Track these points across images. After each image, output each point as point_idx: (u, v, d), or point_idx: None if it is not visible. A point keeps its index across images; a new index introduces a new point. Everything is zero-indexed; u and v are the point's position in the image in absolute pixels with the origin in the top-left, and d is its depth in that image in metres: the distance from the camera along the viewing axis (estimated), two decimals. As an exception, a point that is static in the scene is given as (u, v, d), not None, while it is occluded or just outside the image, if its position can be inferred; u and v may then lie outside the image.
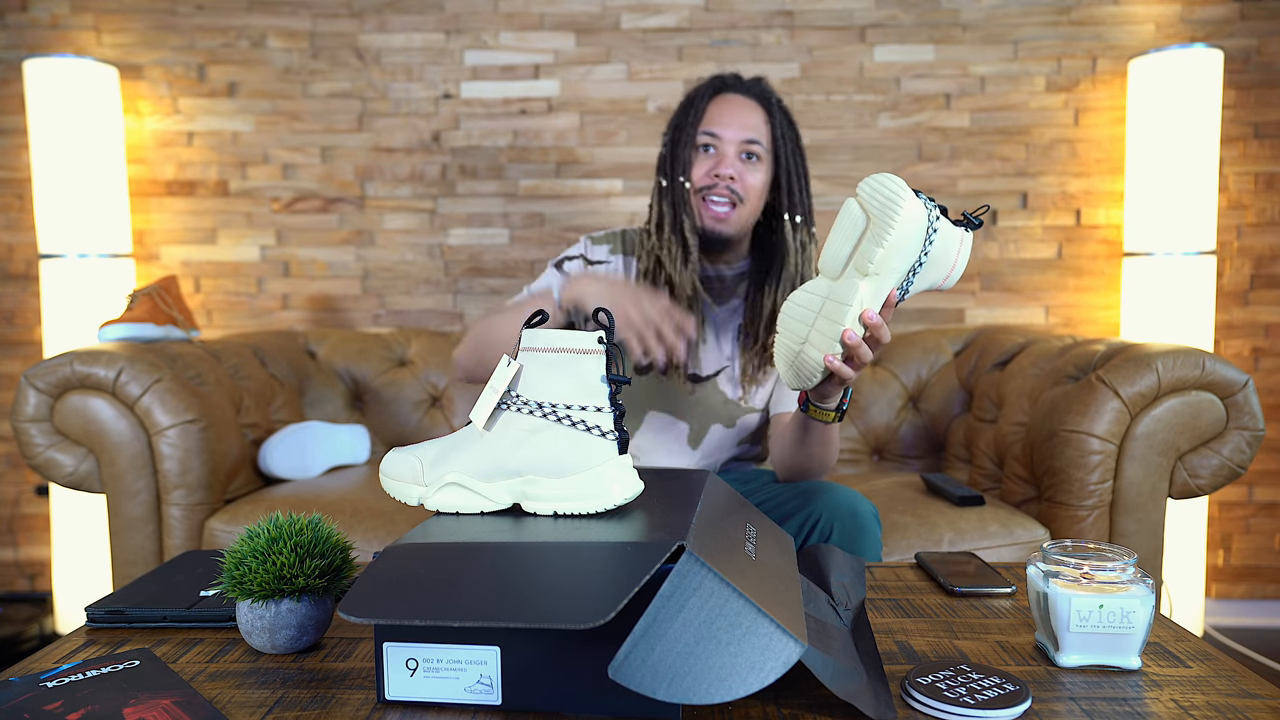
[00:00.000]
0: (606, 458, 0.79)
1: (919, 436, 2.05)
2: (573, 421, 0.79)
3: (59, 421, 1.60)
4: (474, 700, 0.70)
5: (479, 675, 0.69)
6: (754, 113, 1.35)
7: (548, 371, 0.80)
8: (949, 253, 0.98)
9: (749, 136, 1.34)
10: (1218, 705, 0.70)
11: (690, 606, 0.65)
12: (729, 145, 1.34)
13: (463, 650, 0.69)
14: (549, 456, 0.79)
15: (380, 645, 0.70)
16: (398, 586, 0.68)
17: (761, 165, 1.35)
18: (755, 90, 1.37)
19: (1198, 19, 2.27)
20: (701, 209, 1.35)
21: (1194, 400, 1.51)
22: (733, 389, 1.40)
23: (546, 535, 0.73)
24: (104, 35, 2.33)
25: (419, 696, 0.70)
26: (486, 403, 0.81)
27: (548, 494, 0.79)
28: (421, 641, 0.70)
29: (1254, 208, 2.30)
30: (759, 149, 1.34)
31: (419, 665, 0.70)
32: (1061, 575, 0.77)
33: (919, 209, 0.96)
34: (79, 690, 0.69)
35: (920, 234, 0.96)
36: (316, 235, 2.38)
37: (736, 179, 1.33)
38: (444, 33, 2.33)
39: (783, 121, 1.37)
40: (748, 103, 1.36)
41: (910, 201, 0.95)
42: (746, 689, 0.63)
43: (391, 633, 0.70)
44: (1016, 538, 1.50)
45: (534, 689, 0.69)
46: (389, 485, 0.84)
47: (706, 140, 1.35)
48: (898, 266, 0.98)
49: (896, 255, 0.96)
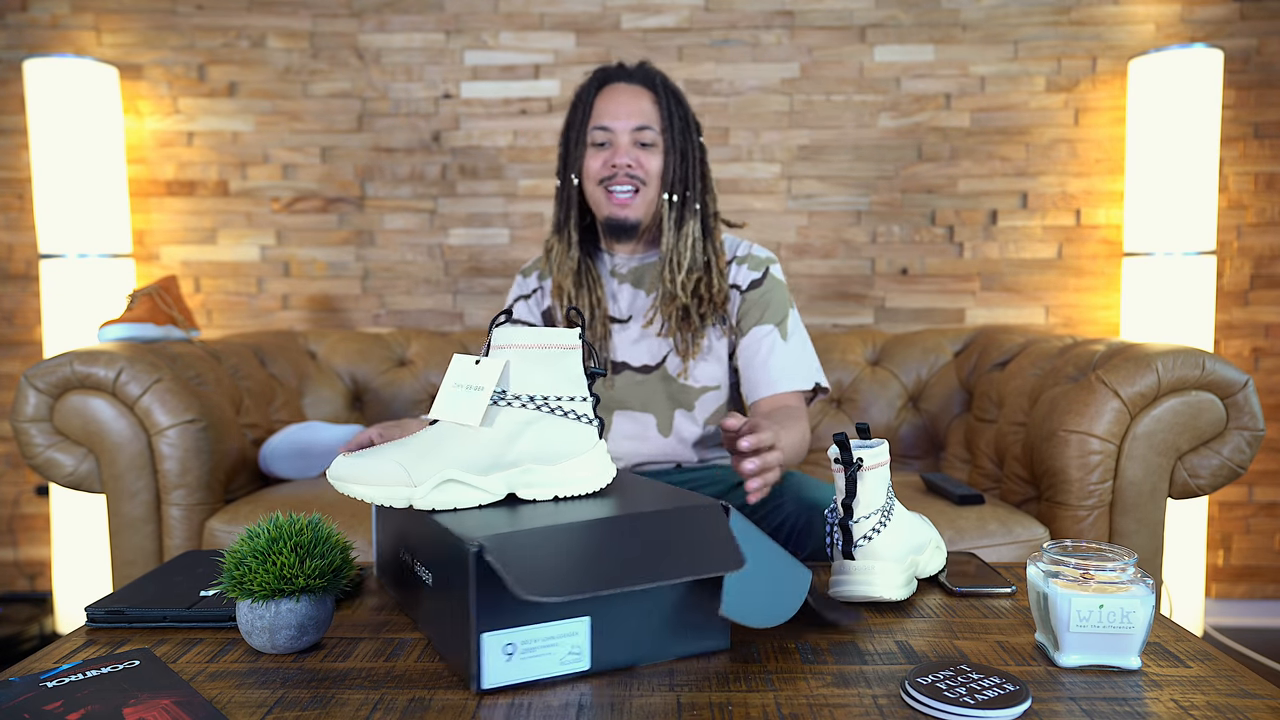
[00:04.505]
0: (593, 443, 0.87)
1: (919, 436, 2.05)
2: (563, 412, 0.85)
3: (59, 421, 1.60)
4: (565, 670, 0.76)
5: (570, 646, 0.75)
6: (641, 98, 1.38)
7: (534, 367, 0.85)
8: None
9: (639, 123, 1.37)
10: (1218, 705, 0.70)
11: (749, 555, 0.80)
12: (622, 135, 1.37)
13: (558, 625, 0.75)
14: (544, 446, 0.84)
15: (478, 637, 0.72)
16: (548, 567, 0.71)
17: (657, 149, 1.38)
18: (640, 76, 1.40)
19: (1198, 19, 2.27)
20: (606, 199, 1.38)
21: (1194, 400, 1.51)
22: (676, 367, 1.43)
23: (598, 512, 0.79)
24: (104, 35, 2.33)
25: (514, 679, 0.73)
26: (477, 402, 0.83)
27: (547, 480, 0.84)
28: (520, 625, 0.73)
29: (1254, 208, 2.30)
30: (651, 134, 1.37)
31: (517, 648, 0.73)
32: (1061, 575, 0.77)
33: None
34: (79, 690, 0.69)
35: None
36: (316, 235, 2.38)
37: (634, 165, 1.36)
38: (444, 33, 2.33)
39: (670, 101, 1.39)
40: (635, 90, 1.39)
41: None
42: (792, 611, 0.81)
43: (490, 622, 0.72)
44: (1016, 536, 1.50)
45: (615, 649, 0.77)
46: (359, 491, 0.80)
47: (600, 135, 1.38)
48: None
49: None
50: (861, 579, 0.91)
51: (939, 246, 2.35)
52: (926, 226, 2.34)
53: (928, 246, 2.35)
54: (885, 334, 2.17)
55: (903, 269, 2.35)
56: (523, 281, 1.54)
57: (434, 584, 0.80)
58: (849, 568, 0.92)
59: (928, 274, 2.35)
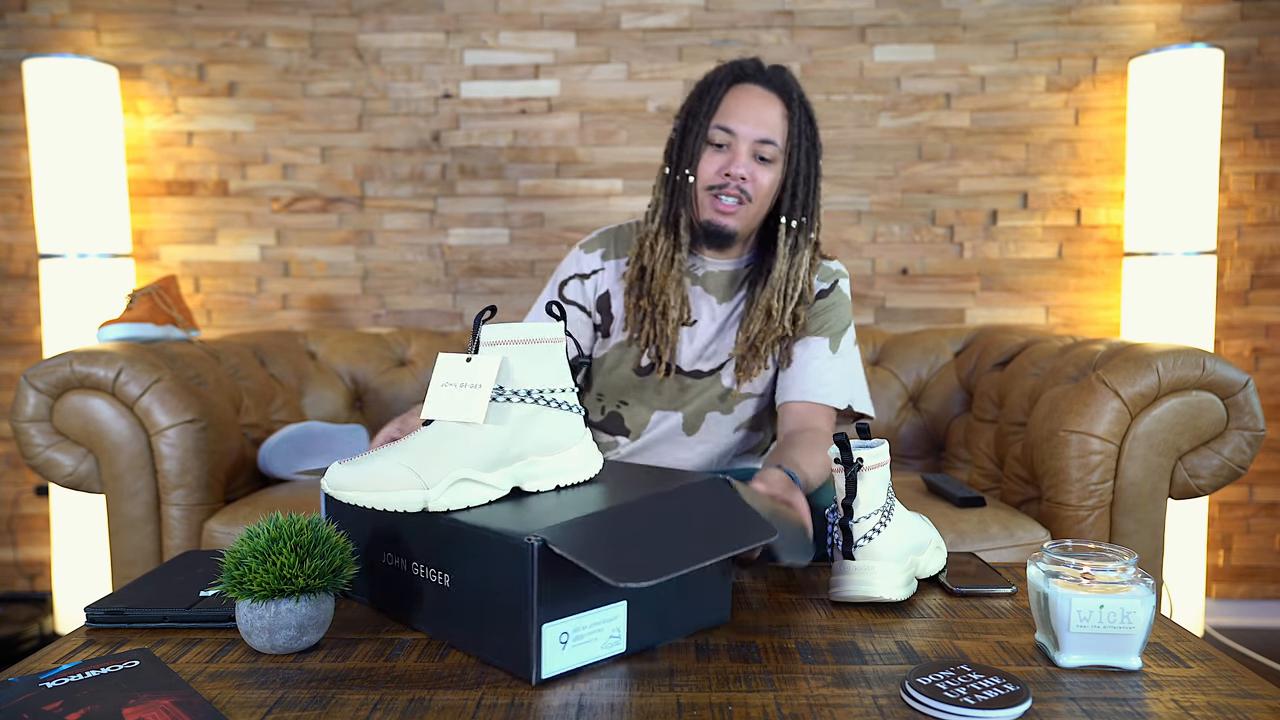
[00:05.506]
0: (584, 431, 0.90)
1: (919, 436, 2.05)
2: (558, 404, 0.87)
3: (59, 421, 1.60)
4: (606, 654, 0.79)
5: (611, 630, 0.79)
6: (773, 107, 1.29)
7: (528, 361, 0.86)
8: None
9: (764, 136, 1.28)
10: (1218, 705, 0.70)
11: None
12: (743, 143, 1.28)
13: (602, 611, 0.78)
14: (544, 438, 0.86)
15: (538, 628, 0.73)
16: (617, 553, 0.73)
17: (774, 165, 1.31)
18: (777, 82, 1.30)
19: (1198, 19, 2.27)
20: (710, 203, 1.31)
21: (1194, 400, 1.51)
22: (731, 380, 1.40)
23: (613, 497, 0.82)
24: (104, 35, 2.33)
25: (566, 667, 0.76)
26: (478, 400, 0.82)
27: (548, 471, 0.87)
28: (572, 615, 0.75)
29: (1254, 208, 2.30)
30: (773, 149, 1.29)
31: (570, 637, 0.76)
32: (1062, 575, 0.77)
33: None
34: (79, 690, 0.69)
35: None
36: (316, 235, 2.38)
37: (748, 179, 1.29)
38: (444, 32, 2.33)
39: (802, 118, 1.31)
40: (767, 95, 1.30)
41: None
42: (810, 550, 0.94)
43: (547, 614, 0.73)
44: (1018, 540, 1.50)
45: (645, 630, 0.81)
46: (365, 498, 0.79)
47: (720, 136, 1.29)
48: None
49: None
50: (861, 579, 0.91)
51: (939, 246, 2.35)
52: (927, 226, 2.34)
53: (928, 246, 2.34)
54: (885, 334, 2.17)
55: (903, 269, 2.35)
56: (582, 257, 1.43)
57: (455, 584, 0.80)
58: (849, 568, 0.92)
59: (928, 274, 2.35)
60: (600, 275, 1.41)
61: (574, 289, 1.41)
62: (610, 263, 1.42)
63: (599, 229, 1.47)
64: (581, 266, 1.42)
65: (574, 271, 1.42)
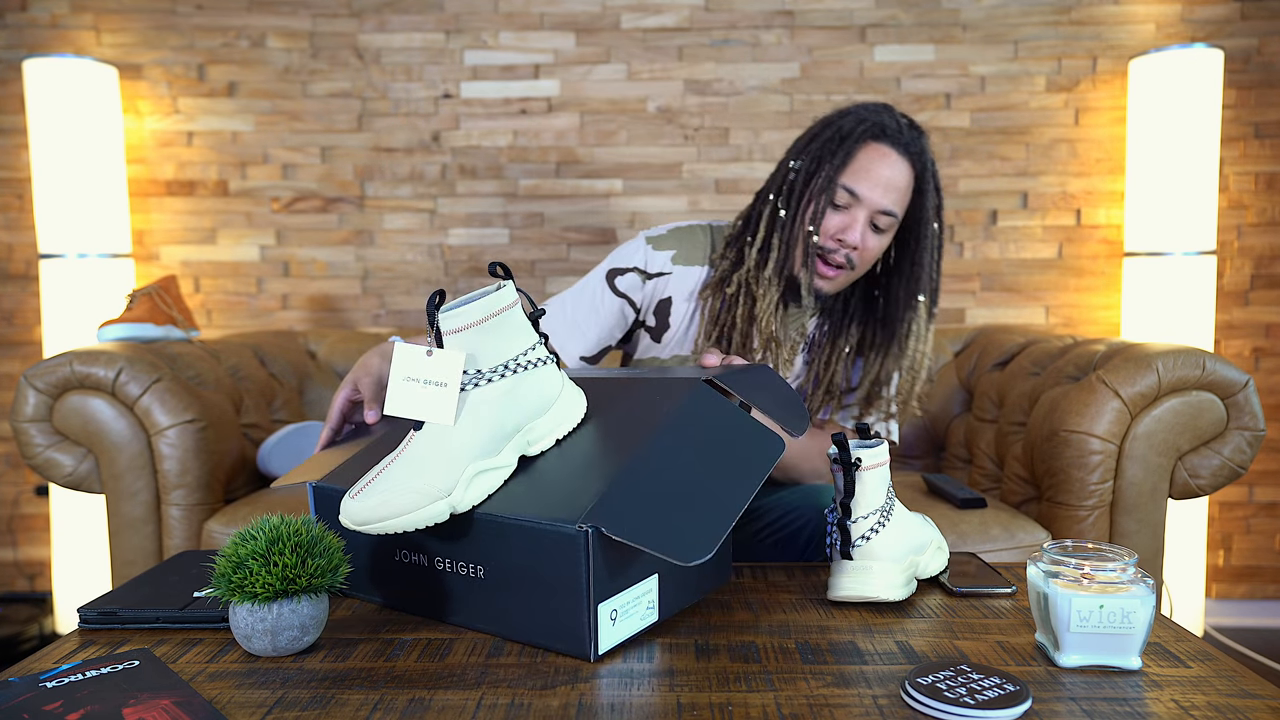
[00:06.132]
0: (561, 376, 0.90)
1: (919, 436, 2.05)
2: (531, 363, 0.87)
3: (58, 421, 1.60)
4: (644, 624, 0.82)
5: (647, 602, 0.82)
6: (903, 174, 1.25)
7: (495, 338, 0.84)
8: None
9: (887, 208, 1.24)
10: (1218, 705, 0.70)
11: (738, 419, 0.90)
12: (863, 210, 1.24)
13: (641, 585, 0.81)
14: (532, 402, 0.87)
15: (594, 608, 0.75)
16: (663, 524, 0.75)
17: (886, 235, 1.27)
18: (914, 149, 1.25)
19: (1198, 19, 2.27)
20: (811, 263, 1.26)
21: (1194, 400, 1.51)
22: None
23: (619, 443, 0.84)
24: (104, 35, 2.33)
25: (615, 641, 0.79)
26: (445, 400, 0.80)
27: (545, 429, 0.88)
28: (618, 592, 0.78)
29: (1254, 208, 2.30)
30: (889, 220, 1.25)
31: (618, 613, 0.78)
32: (1062, 575, 0.77)
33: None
34: (78, 690, 0.69)
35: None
36: (316, 235, 2.38)
37: (859, 249, 1.25)
38: (444, 32, 2.33)
39: (930, 188, 1.27)
40: (900, 162, 1.24)
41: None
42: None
43: (602, 592, 0.76)
44: (1019, 541, 1.50)
45: (671, 598, 0.85)
46: (393, 524, 0.79)
47: (844, 198, 1.24)
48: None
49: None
50: (859, 579, 0.91)
51: (939, 246, 2.34)
52: (926, 226, 2.34)
53: (928, 246, 2.34)
54: (885, 334, 2.17)
55: (903, 269, 2.35)
56: (651, 254, 1.35)
57: (491, 575, 0.81)
58: (847, 568, 0.92)
59: (928, 274, 2.35)
60: (666, 280, 1.35)
61: (631, 283, 1.35)
62: (679, 268, 1.35)
63: (668, 225, 1.39)
64: (649, 264, 1.35)
65: (638, 265, 1.35)
